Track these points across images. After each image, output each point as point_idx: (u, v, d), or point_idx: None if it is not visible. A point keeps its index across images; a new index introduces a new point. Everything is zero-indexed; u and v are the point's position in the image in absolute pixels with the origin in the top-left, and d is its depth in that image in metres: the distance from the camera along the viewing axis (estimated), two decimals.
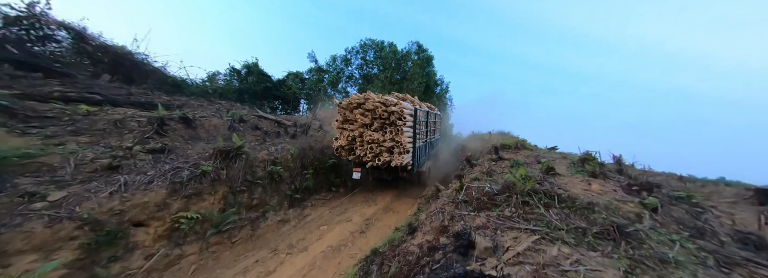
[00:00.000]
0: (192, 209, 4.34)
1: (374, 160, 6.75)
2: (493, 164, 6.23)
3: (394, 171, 7.37)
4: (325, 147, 9.32)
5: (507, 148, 7.93)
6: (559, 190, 3.74)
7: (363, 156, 6.85)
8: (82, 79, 7.51)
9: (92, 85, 7.37)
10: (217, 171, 5.11)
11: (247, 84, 16.65)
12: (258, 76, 17.47)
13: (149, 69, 10.27)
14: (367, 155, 6.80)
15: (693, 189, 6.35)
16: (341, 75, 22.23)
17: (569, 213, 3.19)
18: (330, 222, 6.55)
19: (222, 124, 7.28)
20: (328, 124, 14.80)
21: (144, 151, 4.59)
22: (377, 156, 6.75)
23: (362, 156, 6.86)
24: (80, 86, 6.63)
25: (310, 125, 10.00)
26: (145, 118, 5.56)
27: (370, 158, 6.79)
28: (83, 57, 8.51)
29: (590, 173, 4.61)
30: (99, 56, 8.78)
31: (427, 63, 23.40)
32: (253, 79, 17.14)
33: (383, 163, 6.65)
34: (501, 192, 3.80)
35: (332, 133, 11.61)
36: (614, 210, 3.23)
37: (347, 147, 7.08)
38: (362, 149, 6.86)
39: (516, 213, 3.26)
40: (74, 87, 6.48)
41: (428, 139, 9.20)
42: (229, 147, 5.69)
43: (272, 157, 7.02)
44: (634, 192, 3.95)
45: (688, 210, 3.86)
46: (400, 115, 6.53)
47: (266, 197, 6.26)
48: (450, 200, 4.08)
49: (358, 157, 6.96)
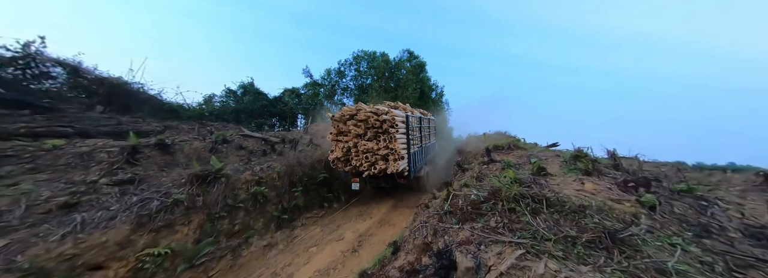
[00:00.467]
0: (161, 244, 4.06)
1: (370, 169, 6.74)
2: (485, 167, 5.95)
3: (391, 179, 7.33)
4: (316, 162, 9.06)
5: (500, 149, 7.66)
6: (549, 193, 3.45)
7: (359, 166, 6.85)
8: (72, 112, 7.53)
9: (81, 117, 7.35)
10: (192, 199, 4.86)
11: (244, 104, 16.73)
12: (254, 95, 17.55)
13: (145, 97, 10.50)
14: (363, 165, 6.79)
15: (698, 178, 6.02)
16: (336, 88, 22.32)
17: (559, 219, 2.90)
18: (320, 242, 6.22)
19: (203, 147, 7.08)
20: (321, 137, 14.57)
21: (110, 184, 4.36)
22: (373, 165, 6.73)
23: (358, 166, 6.86)
24: (65, 120, 6.57)
25: (298, 140, 9.78)
26: (118, 148, 5.36)
27: (366, 167, 6.78)
28: (79, 91, 8.75)
29: (584, 171, 4.33)
30: (94, 89, 9.02)
31: (420, 69, 23.58)
32: (250, 98, 17.22)
33: (379, 171, 6.64)
34: (487, 200, 3.52)
35: (324, 146, 11.41)
36: (608, 213, 2.94)
37: (343, 159, 7.08)
38: (358, 159, 6.87)
39: (501, 222, 2.98)
40: (50, 121, 6.36)
41: (424, 144, 9.18)
42: (206, 171, 5.46)
43: (256, 177, 6.77)
44: (630, 189, 3.66)
45: (692, 205, 3.56)
46: (392, 122, 6.60)
47: (250, 221, 5.97)
48: (435, 211, 3.80)
49: (354, 168, 6.97)
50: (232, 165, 6.93)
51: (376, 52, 23.09)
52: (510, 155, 6.77)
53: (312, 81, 22.24)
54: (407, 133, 7.22)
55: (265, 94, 18.60)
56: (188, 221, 4.65)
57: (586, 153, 4.82)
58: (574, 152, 4.98)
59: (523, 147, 7.84)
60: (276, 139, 9.35)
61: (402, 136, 6.92)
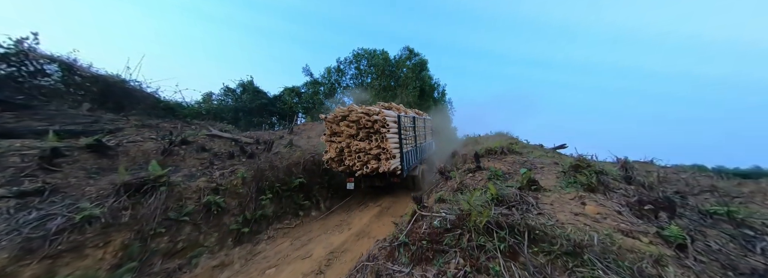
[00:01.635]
0: (60, 273, 3.30)
1: (363, 169, 6.90)
2: (469, 176, 5.05)
3: (385, 178, 7.46)
4: (293, 165, 8.27)
5: (493, 153, 6.73)
6: (535, 221, 2.56)
7: (352, 165, 7.00)
8: (50, 109, 7.10)
9: (56, 115, 6.89)
10: (114, 213, 4.09)
11: (242, 102, 16.39)
12: (253, 94, 17.36)
13: (141, 95, 10.34)
14: (356, 164, 6.95)
15: (727, 188, 5.01)
16: (336, 86, 21.75)
17: (545, 265, 2.02)
18: (283, 261, 5.40)
19: (155, 149, 6.33)
20: (306, 138, 13.81)
21: (9, 195, 3.62)
22: (365, 164, 6.90)
23: (352, 165, 7.02)
24: (36, 118, 6.10)
25: (275, 141, 8.98)
26: (38, 150, 4.63)
27: (359, 167, 6.94)
28: (73, 88, 8.64)
29: (586, 186, 3.41)
30: (88, 86, 8.95)
31: (421, 67, 22.56)
32: (248, 96, 16.99)
33: (372, 170, 6.80)
34: (453, 228, 2.65)
35: (305, 147, 10.70)
36: (617, 256, 2.04)
37: (337, 159, 7.27)
38: (351, 159, 7.04)
39: (464, 268, 2.11)
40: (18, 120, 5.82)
41: (418, 143, 9.24)
42: (141, 179, 4.70)
43: (213, 184, 6.00)
44: (647, 213, 2.73)
45: (734, 236, 2.62)
46: (383, 123, 6.74)
47: (199, 236, 5.19)
48: (389, 241, 2.94)
49: (348, 167, 7.14)
50: (187, 171, 6.16)
51: (376, 50, 22.33)
52: (502, 161, 5.85)
53: (312, 79, 21.84)
54: (399, 133, 7.29)
55: (264, 93, 18.36)
56: (105, 242, 3.87)
57: (588, 162, 3.87)
58: (575, 160, 4.04)
59: (519, 151, 6.88)
60: (249, 140, 8.57)
61: (393, 136, 7.01)
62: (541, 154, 6.77)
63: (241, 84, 18.06)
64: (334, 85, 21.68)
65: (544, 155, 6.65)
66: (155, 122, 9.05)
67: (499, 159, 6.15)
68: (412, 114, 9.66)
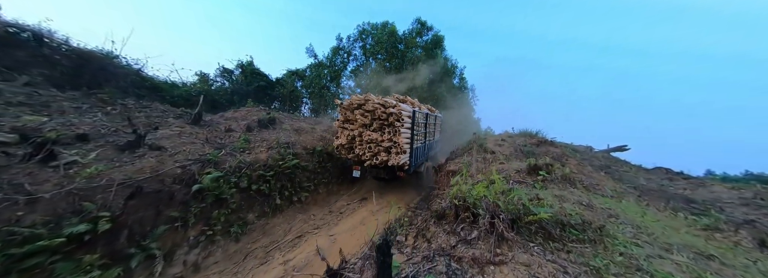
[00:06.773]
0: None
1: (372, 159, 6.88)
2: None
3: (391, 171, 7.49)
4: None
5: (538, 169, 5.30)
6: None
7: (362, 155, 7.00)
8: None
9: None
10: None
11: (239, 84, 15.21)
12: (251, 75, 15.72)
13: (123, 72, 9.42)
14: (366, 154, 6.95)
15: None
16: (342, 71, 19.21)
17: None
18: None
19: None
20: (226, 130, 9.23)
21: None
22: (375, 156, 6.88)
23: (361, 155, 7.02)
24: None
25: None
26: None
27: (369, 157, 6.92)
28: (39, 61, 7.55)
29: None
30: (57, 59, 7.90)
31: (435, 46, 18.90)
32: (245, 78, 15.57)
33: (380, 163, 6.79)
34: None
35: (172, 150, 8.21)
36: None
37: (347, 146, 7.27)
38: (361, 148, 7.04)
39: None
40: None
41: (427, 140, 9.11)
42: None
43: None
44: None
45: None
46: (398, 116, 6.66)
47: None
48: None
49: (357, 156, 7.14)
50: None
51: (384, 24, 18.89)
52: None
53: (317, 61, 19.47)
54: (412, 128, 7.21)
55: (264, 75, 16.70)
56: None
57: None
58: None
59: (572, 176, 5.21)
60: None
61: (406, 131, 6.96)
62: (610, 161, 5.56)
63: (240, 65, 15.95)
64: (337, 68, 19.28)
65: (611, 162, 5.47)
66: (130, 103, 7.95)
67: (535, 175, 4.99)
68: (426, 110, 9.32)
